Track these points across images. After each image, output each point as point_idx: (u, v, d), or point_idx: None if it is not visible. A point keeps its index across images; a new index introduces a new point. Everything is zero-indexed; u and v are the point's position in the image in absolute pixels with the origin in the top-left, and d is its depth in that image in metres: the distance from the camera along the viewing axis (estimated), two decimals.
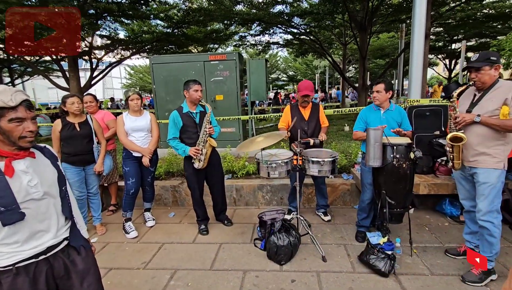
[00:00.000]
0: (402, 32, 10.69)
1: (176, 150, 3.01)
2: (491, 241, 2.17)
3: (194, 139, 2.96)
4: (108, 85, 32.44)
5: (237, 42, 12.69)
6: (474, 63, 2.14)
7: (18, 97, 1.14)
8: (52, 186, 1.28)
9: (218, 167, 3.24)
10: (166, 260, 2.68)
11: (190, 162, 3.00)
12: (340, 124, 8.64)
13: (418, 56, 4.10)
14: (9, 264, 1.16)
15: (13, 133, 1.14)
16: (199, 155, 2.92)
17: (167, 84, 5.49)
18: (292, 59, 29.28)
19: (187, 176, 3.12)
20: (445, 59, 18.22)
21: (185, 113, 2.99)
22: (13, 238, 1.16)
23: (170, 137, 2.99)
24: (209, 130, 2.94)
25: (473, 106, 2.22)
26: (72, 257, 1.34)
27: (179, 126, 2.98)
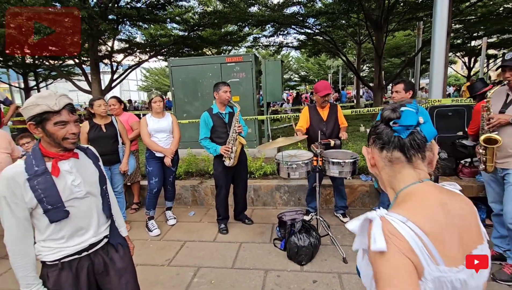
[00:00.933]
0: (420, 30, 10.44)
1: (207, 149, 3.10)
2: None
3: (223, 139, 3.06)
4: (125, 87, 33.31)
5: (251, 43, 12.75)
6: (510, 61, 2.07)
7: (62, 102, 1.20)
8: (94, 186, 1.35)
9: (244, 167, 3.33)
10: (189, 258, 2.76)
11: (220, 161, 3.09)
12: (356, 124, 8.55)
13: (440, 55, 4.01)
14: (56, 259, 1.25)
15: (57, 135, 1.20)
16: (229, 153, 3.00)
17: (185, 86, 5.61)
18: (304, 59, 29.10)
19: (215, 175, 3.21)
20: (464, 57, 17.63)
21: (215, 114, 3.09)
22: (59, 234, 1.25)
23: (202, 137, 3.11)
24: (238, 128, 3.02)
25: (507, 107, 2.15)
26: (110, 255, 1.40)
27: (209, 126, 3.08)
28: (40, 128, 1.19)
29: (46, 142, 1.23)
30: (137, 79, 33.66)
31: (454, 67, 22.87)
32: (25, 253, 1.19)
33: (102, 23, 6.32)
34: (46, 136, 1.20)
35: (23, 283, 1.19)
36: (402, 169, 0.77)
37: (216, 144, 3.06)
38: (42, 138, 1.22)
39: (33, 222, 1.22)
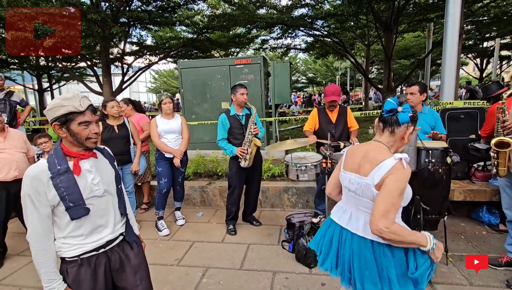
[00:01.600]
0: (430, 32, 10.28)
1: (224, 150, 3.15)
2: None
3: (240, 140, 3.09)
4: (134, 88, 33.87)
5: (259, 45, 12.81)
6: None
7: (85, 103, 1.26)
8: (111, 184, 1.39)
9: (259, 168, 3.36)
10: (198, 258, 2.78)
11: (235, 161, 3.13)
12: (364, 126, 8.46)
13: (451, 57, 3.95)
14: (75, 255, 1.29)
15: (81, 135, 1.25)
16: (245, 154, 3.03)
17: (194, 88, 5.67)
18: (312, 61, 29.01)
19: (229, 175, 3.24)
20: (475, 58, 17.29)
21: (232, 115, 3.13)
22: (78, 231, 1.29)
23: (219, 138, 3.16)
24: (254, 130, 3.05)
25: None
26: (126, 252, 1.44)
27: (226, 128, 3.13)
28: (65, 128, 1.24)
29: (68, 141, 1.27)
30: (146, 81, 34.16)
31: (465, 69, 22.44)
32: (47, 249, 1.23)
33: (114, 26, 6.45)
34: (70, 136, 1.25)
35: (45, 278, 1.23)
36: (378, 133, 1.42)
37: (232, 145, 3.10)
38: (65, 138, 1.26)
39: (54, 219, 1.27)
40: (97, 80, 8.51)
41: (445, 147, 2.38)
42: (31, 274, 2.60)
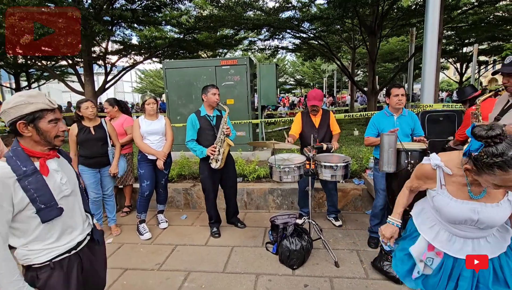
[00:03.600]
0: (413, 36, 10.59)
1: (194, 151, 3.08)
2: None
3: (210, 141, 3.04)
4: (119, 89, 33.11)
5: (246, 47, 12.81)
6: (506, 67, 1.99)
7: (53, 100, 1.22)
8: (75, 184, 1.37)
9: (232, 170, 3.30)
10: (180, 262, 2.72)
11: (206, 164, 3.06)
12: (350, 128, 8.61)
13: (431, 61, 4.07)
14: (47, 260, 1.22)
15: (50, 133, 1.21)
16: (216, 154, 2.98)
17: (179, 89, 5.60)
18: (300, 63, 29.30)
19: (202, 178, 3.18)
20: (456, 63, 17.97)
21: (203, 116, 3.08)
22: (48, 235, 1.23)
23: (189, 139, 3.08)
24: (226, 130, 3.01)
25: (503, 114, 2.10)
26: (93, 250, 1.43)
27: (196, 128, 3.07)
28: (32, 126, 1.18)
29: (32, 141, 1.21)
30: (132, 81, 33.49)
31: (446, 73, 23.26)
32: (9, 258, 1.13)
33: (96, 24, 6.28)
34: (37, 135, 1.19)
35: (13, 288, 1.11)
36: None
37: (202, 147, 3.04)
38: (29, 137, 1.19)
39: (15, 227, 1.18)
40: (78, 80, 8.25)
41: (423, 148, 2.44)
42: None
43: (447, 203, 1.23)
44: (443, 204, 1.24)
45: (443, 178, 1.25)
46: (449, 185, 1.24)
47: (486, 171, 1.04)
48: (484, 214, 1.16)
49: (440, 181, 1.25)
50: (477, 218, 1.17)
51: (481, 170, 1.06)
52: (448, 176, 1.24)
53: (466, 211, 1.18)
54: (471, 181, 1.19)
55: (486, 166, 1.03)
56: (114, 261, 2.77)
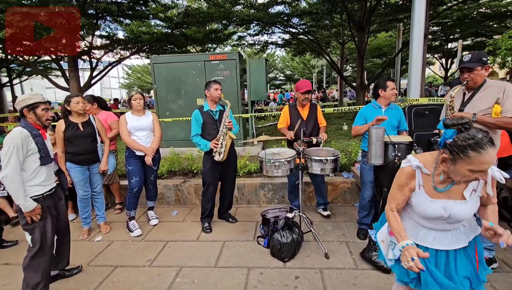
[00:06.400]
0: (400, 32, 10.76)
1: (198, 145, 3.12)
2: None
3: (213, 135, 3.08)
4: (106, 84, 32.31)
5: (236, 41, 12.71)
6: (468, 63, 2.20)
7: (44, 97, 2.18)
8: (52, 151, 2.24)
9: (233, 165, 3.33)
10: (171, 258, 2.72)
11: (209, 157, 3.09)
12: (339, 123, 8.71)
13: (417, 56, 4.15)
14: (40, 194, 2.07)
15: (43, 117, 2.11)
16: (219, 147, 3.00)
17: (168, 84, 5.51)
18: (289, 58, 29.32)
19: (203, 171, 3.20)
20: (441, 58, 18.38)
21: (206, 111, 3.11)
22: (41, 177, 2.09)
23: (193, 134, 3.12)
24: (228, 124, 3.03)
25: (464, 105, 2.29)
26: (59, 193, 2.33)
27: (200, 123, 3.11)
28: (32, 112, 2.07)
29: (32, 121, 2.09)
30: (119, 76, 32.73)
31: (432, 68, 23.76)
32: (20, 180, 1.95)
33: (80, 17, 6.08)
34: (35, 117, 2.09)
35: (23, 198, 1.94)
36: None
37: (207, 140, 3.07)
38: (31, 118, 2.07)
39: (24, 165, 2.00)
40: (63, 75, 8.01)
41: (410, 141, 2.50)
42: None
43: (423, 203, 1.30)
44: (420, 203, 1.31)
45: (421, 179, 1.31)
46: (426, 185, 1.30)
47: (461, 156, 1.11)
48: (454, 211, 1.25)
49: (418, 182, 1.31)
50: (448, 214, 1.25)
51: (456, 156, 1.13)
52: (425, 177, 1.30)
53: (439, 209, 1.26)
54: (444, 179, 1.25)
55: (461, 149, 1.11)
56: (104, 259, 2.74)
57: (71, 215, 3.62)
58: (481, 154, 1.08)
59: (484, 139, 1.08)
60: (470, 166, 1.11)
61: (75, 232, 3.19)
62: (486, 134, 1.11)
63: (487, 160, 1.08)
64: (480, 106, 2.21)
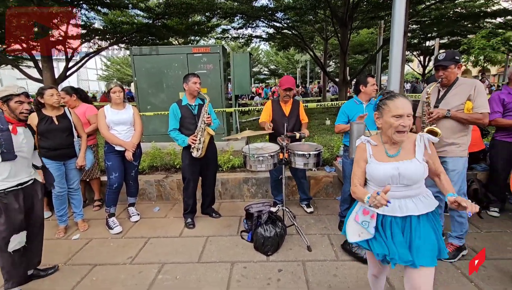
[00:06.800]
0: (381, 29, 10.99)
1: (176, 140, 3.04)
2: (461, 221, 2.41)
3: (192, 130, 3.01)
4: (83, 76, 30.94)
5: (219, 34, 12.51)
6: (443, 61, 2.31)
7: (21, 90, 2.12)
8: (31, 147, 2.18)
9: (214, 160, 3.29)
10: (153, 255, 2.67)
11: (188, 152, 3.03)
12: (322, 118, 8.84)
13: (397, 53, 4.24)
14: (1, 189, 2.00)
15: (17, 110, 2.08)
16: (197, 143, 2.95)
17: (149, 77, 5.36)
18: (274, 53, 29.30)
19: (183, 167, 3.14)
20: (419, 56, 19.01)
21: (184, 105, 3.04)
22: (5, 173, 2.01)
23: (171, 129, 3.05)
24: (207, 119, 2.98)
25: (439, 102, 2.40)
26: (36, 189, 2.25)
27: (178, 118, 3.03)
28: (6, 104, 2.06)
29: (7, 113, 2.07)
30: (97, 68, 31.41)
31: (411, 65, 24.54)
32: None
33: (53, 5, 5.74)
34: (9, 110, 2.07)
35: None
36: None
37: (184, 136, 3.00)
38: (5, 111, 2.07)
39: None
40: (35, 66, 7.57)
41: None
42: None
43: (376, 168, 1.50)
44: (373, 169, 1.51)
45: (370, 149, 1.56)
46: (376, 154, 1.55)
47: (383, 107, 1.45)
48: (403, 169, 1.43)
49: (369, 152, 1.56)
50: (398, 173, 1.44)
51: (381, 108, 1.47)
52: (374, 147, 1.56)
53: (389, 169, 1.45)
54: (388, 146, 1.52)
55: (382, 103, 1.47)
56: (82, 257, 2.65)
57: (47, 213, 3.46)
58: (393, 101, 1.42)
59: (395, 93, 1.47)
60: (390, 113, 1.42)
61: (51, 231, 3.07)
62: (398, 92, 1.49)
63: (400, 104, 1.40)
64: (453, 103, 2.32)
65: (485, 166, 3.55)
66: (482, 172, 3.50)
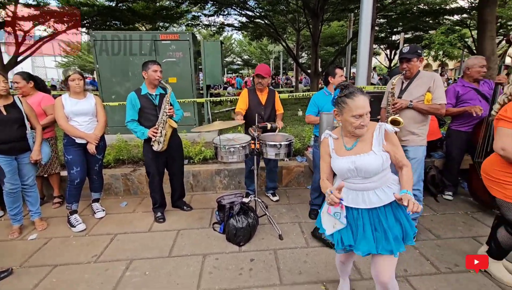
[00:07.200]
0: (351, 22, 11.27)
1: (134, 133, 2.85)
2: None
3: (153, 122, 2.84)
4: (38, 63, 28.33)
5: (190, 21, 12.04)
6: (407, 54, 2.45)
7: None
8: None
9: (178, 152, 3.16)
10: (120, 251, 2.56)
11: (149, 145, 2.87)
12: (294, 109, 8.96)
13: (365, 45, 4.38)
14: None
15: None
16: (158, 136, 2.80)
17: (113, 64, 5.02)
18: (247, 43, 28.95)
19: (146, 161, 2.99)
20: (386, 49, 19.89)
21: (144, 95, 2.85)
22: None
23: (128, 120, 2.85)
24: (169, 111, 2.83)
25: (403, 93, 2.53)
26: None
27: (136, 108, 2.83)
28: None
29: None
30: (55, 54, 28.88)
31: (378, 58, 25.59)
32: None
33: None
34: None
35: None
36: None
37: (144, 128, 2.84)
38: None
39: None
40: None
41: None
42: None
43: (335, 162, 1.53)
44: (334, 164, 1.54)
45: (332, 143, 1.58)
46: (337, 148, 1.56)
47: (343, 105, 1.42)
48: (359, 163, 1.45)
49: (331, 146, 1.58)
50: (355, 167, 1.46)
51: (340, 106, 1.43)
52: (335, 141, 1.58)
53: (346, 163, 1.48)
54: (346, 138, 1.52)
55: (342, 100, 1.42)
56: (41, 259, 2.47)
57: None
58: (354, 100, 1.38)
59: (355, 89, 1.39)
60: (351, 112, 1.39)
61: (4, 231, 2.82)
62: (357, 88, 1.42)
63: (360, 104, 1.37)
64: (415, 94, 2.46)
65: (441, 153, 3.83)
66: (439, 160, 3.77)
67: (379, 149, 1.46)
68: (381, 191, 1.49)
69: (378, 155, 1.44)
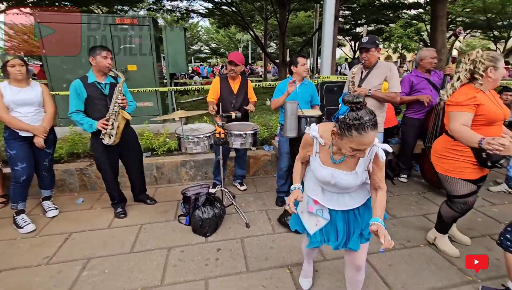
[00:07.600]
0: (317, 12, 11.45)
1: (80, 125, 2.59)
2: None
3: (103, 113, 2.60)
4: None
5: (151, 6, 11.36)
6: (366, 44, 2.54)
7: None
8: None
9: (134, 144, 2.97)
10: (76, 251, 2.39)
11: (98, 139, 2.64)
12: (262, 98, 8.96)
13: (329, 36, 4.47)
14: None
15: None
16: (109, 128, 2.59)
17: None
18: (214, 31, 28.18)
19: (96, 156, 2.77)
20: (351, 41, 20.60)
21: (91, 83, 2.60)
22: None
23: (72, 110, 2.56)
24: (121, 102, 2.62)
25: (362, 82, 2.64)
26: None
27: (82, 98, 2.57)
28: None
29: None
30: None
31: (343, 49, 26.44)
32: None
33: None
34: None
35: None
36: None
37: (92, 119, 2.60)
38: None
39: None
40: None
41: (320, 115, 2.72)
42: None
43: (317, 168, 1.46)
44: (315, 168, 1.48)
45: (318, 147, 1.46)
46: (321, 153, 1.46)
47: (346, 134, 1.19)
48: (339, 179, 1.40)
49: (315, 149, 1.47)
50: (334, 182, 1.41)
51: (343, 132, 1.20)
52: (321, 147, 1.45)
53: (327, 175, 1.42)
54: (335, 151, 1.38)
55: (347, 128, 1.18)
56: None
57: None
58: (362, 136, 1.16)
59: (369, 122, 1.14)
60: (352, 144, 1.20)
61: None
62: (373, 116, 1.16)
63: (366, 141, 1.18)
64: (373, 83, 2.57)
65: (398, 139, 4.08)
66: (395, 145, 4.02)
67: (362, 170, 1.39)
68: (355, 193, 1.49)
69: (359, 175, 1.39)
